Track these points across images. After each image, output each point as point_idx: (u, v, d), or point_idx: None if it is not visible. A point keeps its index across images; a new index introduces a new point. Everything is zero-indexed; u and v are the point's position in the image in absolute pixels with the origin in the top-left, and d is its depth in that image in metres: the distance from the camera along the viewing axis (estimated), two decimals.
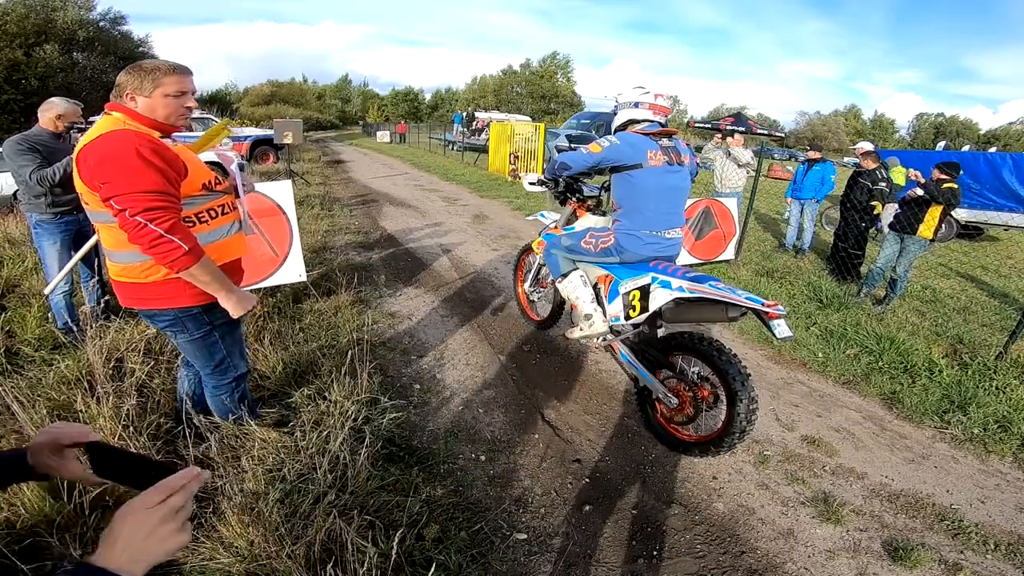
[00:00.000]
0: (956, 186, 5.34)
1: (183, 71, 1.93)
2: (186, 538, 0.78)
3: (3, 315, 3.64)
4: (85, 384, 2.64)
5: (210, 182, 2.04)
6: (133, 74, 1.85)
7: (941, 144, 18.33)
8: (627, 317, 2.94)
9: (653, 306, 2.74)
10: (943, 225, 5.61)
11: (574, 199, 3.75)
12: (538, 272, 4.34)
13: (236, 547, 1.86)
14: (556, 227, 3.84)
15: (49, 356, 3.13)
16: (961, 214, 10.33)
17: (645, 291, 2.80)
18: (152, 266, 1.92)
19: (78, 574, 0.71)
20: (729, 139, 8.25)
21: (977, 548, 2.43)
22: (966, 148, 16.16)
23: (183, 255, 1.78)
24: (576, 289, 3.28)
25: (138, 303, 2.03)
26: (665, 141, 2.98)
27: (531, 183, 3.78)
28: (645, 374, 2.97)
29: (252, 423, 2.41)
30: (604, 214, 3.62)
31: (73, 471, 1.01)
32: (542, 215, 4.31)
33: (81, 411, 2.42)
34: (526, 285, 4.48)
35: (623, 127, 3.11)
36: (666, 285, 2.69)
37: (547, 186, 3.66)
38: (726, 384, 2.60)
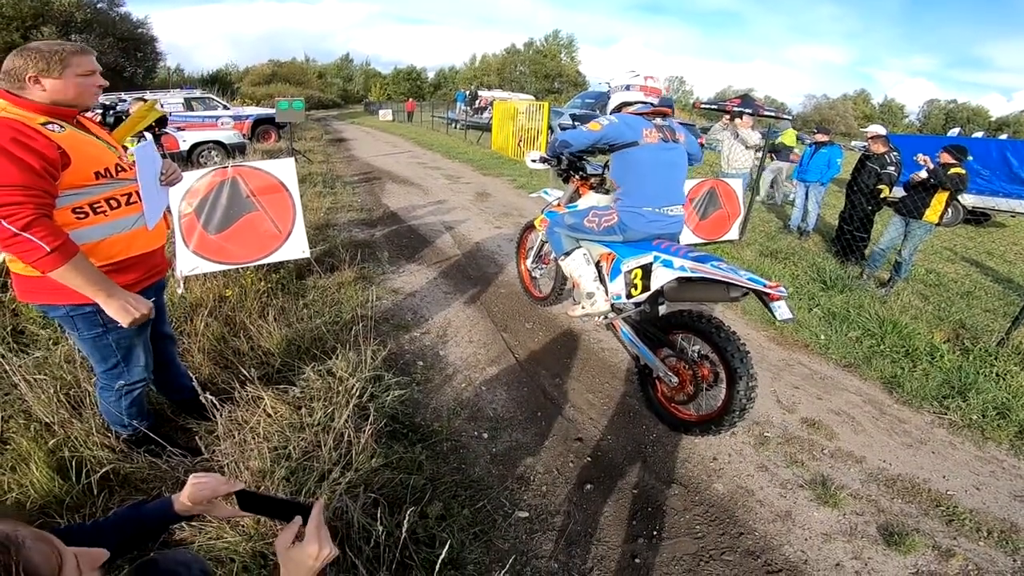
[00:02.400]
0: (963, 171, 5.29)
1: (88, 51, 1.86)
2: (335, 552, 1.03)
3: (8, 293, 3.65)
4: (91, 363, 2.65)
5: (108, 170, 1.88)
6: (34, 57, 1.73)
7: (955, 130, 18.08)
8: (628, 296, 2.96)
9: (655, 285, 2.76)
10: (949, 210, 5.58)
11: (577, 177, 3.76)
12: (540, 249, 4.38)
13: (243, 526, 1.89)
14: (559, 205, 3.87)
15: (55, 334, 3.14)
16: (968, 199, 10.25)
17: (647, 270, 2.81)
18: None
19: None
20: (737, 121, 8.17)
21: (970, 535, 2.46)
22: (978, 135, 15.94)
23: (45, 256, 1.62)
24: (579, 267, 3.31)
25: (31, 297, 1.90)
26: (659, 120, 3.05)
27: (533, 160, 3.76)
28: (646, 352, 3.00)
29: (266, 394, 2.44)
30: (607, 192, 3.60)
31: (221, 512, 1.20)
32: (545, 192, 4.32)
33: (89, 391, 2.44)
34: (528, 262, 4.52)
35: (617, 109, 3.17)
36: (668, 264, 2.72)
37: (549, 163, 3.65)
38: (725, 362, 2.62)
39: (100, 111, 3.48)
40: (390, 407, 2.83)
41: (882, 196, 6.34)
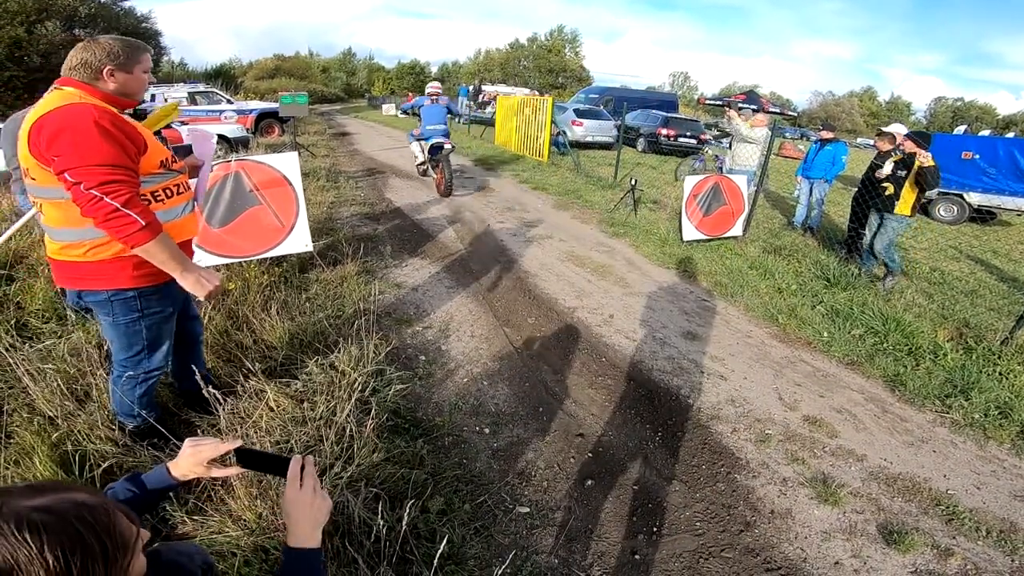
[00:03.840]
0: (933, 162, 5.25)
1: (149, 49, 1.99)
2: (330, 503, 1.12)
3: (13, 285, 3.67)
4: (95, 356, 2.66)
5: (167, 160, 2.01)
6: (109, 51, 1.84)
7: (961, 128, 17.97)
8: (424, 152, 8.81)
9: (428, 149, 8.54)
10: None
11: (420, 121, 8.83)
12: (422, 151, 9.01)
13: (244, 520, 1.90)
14: (417, 131, 8.89)
15: (58, 327, 3.15)
16: (974, 198, 10.20)
17: (429, 145, 8.44)
18: (98, 245, 1.87)
19: (293, 555, 1.04)
20: (731, 112, 8.19)
21: (970, 534, 2.46)
22: (984, 133, 15.83)
23: (139, 230, 1.73)
24: (416, 147, 9.07)
25: (73, 283, 1.96)
26: (434, 98, 8.57)
27: (398, 109, 9.13)
28: (431, 168, 8.78)
29: (268, 387, 2.44)
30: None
31: (221, 472, 1.21)
32: (411, 134, 9.24)
33: (94, 383, 2.45)
34: (421, 157, 9.13)
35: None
36: (431, 139, 8.38)
37: (407, 114, 10.37)
38: (436, 163, 8.41)
39: None
40: (392, 401, 2.84)
41: (887, 194, 6.30)
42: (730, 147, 9.97)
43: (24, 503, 0.69)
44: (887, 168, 5.60)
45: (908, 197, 5.44)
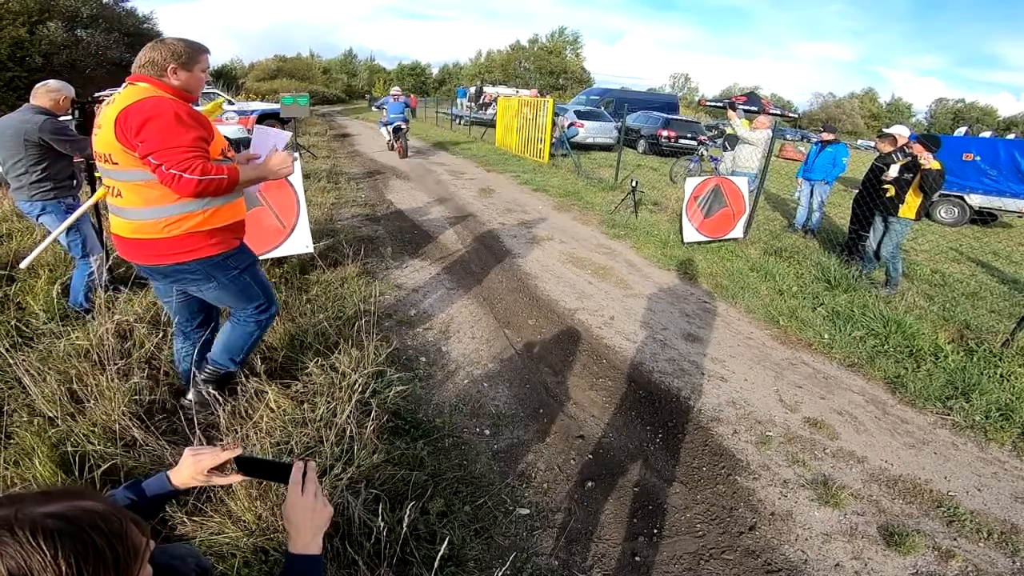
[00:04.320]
0: (939, 164, 5.22)
1: (208, 51, 2.20)
2: (331, 509, 1.11)
3: (13, 286, 3.67)
4: (95, 357, 2.66)
5: (224, 150, 2.24)
6: (174, 51, 2.08)
7: (961, 130, 17.95)
8: (389, 133, 13.62)
9: (392, 130, 13.24)
10: (924, 204, 5.54)
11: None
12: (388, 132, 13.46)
13: (244, 521, 1.90)
14: (384, 119, 13.73)
15: (59, 328, 3.15)
16: (975, 199, 10.19)
17: (394, 127, 13.09)
18: (172, 222, 2.10)
19: (295, 561, 1.05)
20: (729, 112, 8.21)
21: (971, 536, 2.46)
22: (985, 134, 15.83)
23: (228, 182, 2.04)
24: (383, 130, 14.27)
25: (160, 259, 2.16)
26: (397, 97, 13.25)
27: (371, 104, 12.04)
28: (391, 137, 13.47)
29: (269, 388, 2.45)
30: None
31: (221, 480, 1.20)
32: (380, 122, 14.65)
33: (93, 384, 2.45)
34: (388, 137, 13.65)
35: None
36: (393, 123, 13.13)
37: (379, 108, 16.26)
38: (396, 131, 13.13)
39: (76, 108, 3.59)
40: (392, 403, 2.84)
41: (888, 196, 6.30)
42: (725, 148, 10.01)
43: (38, 509, 0.69)
44: (893, 171, 5.58)
45: (913, 201, 5.39)
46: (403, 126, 12.81)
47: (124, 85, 2.11)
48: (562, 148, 13.66)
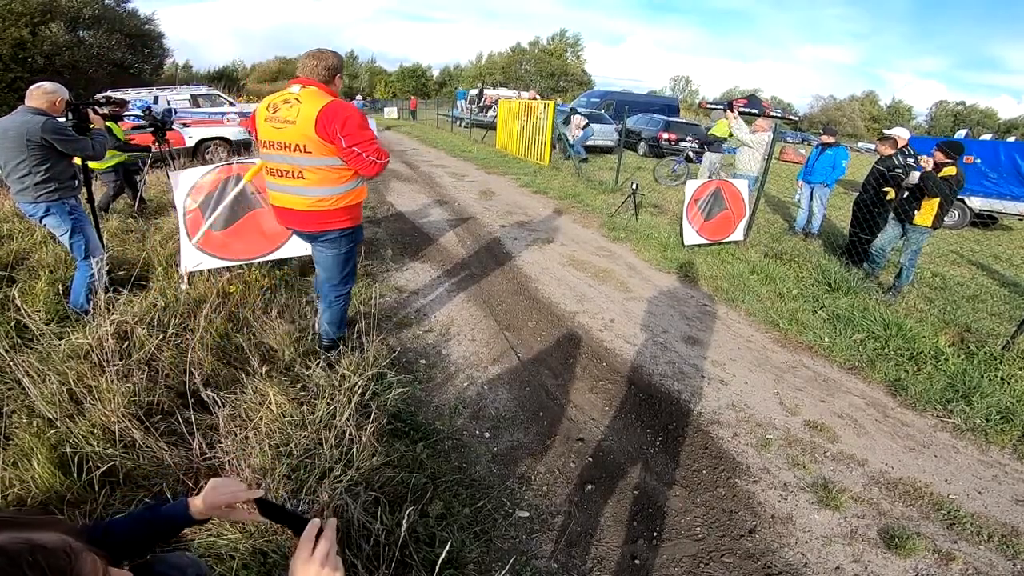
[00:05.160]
0: (955, 170, 5.18)
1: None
2: (342, 573, 1.01)
3: (14, 287, 3.67)
4: (95, 358, 2.66)
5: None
6: (338, 62, 2.76)
7: (962, 132, 17.97)
8: None
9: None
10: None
11: None
12: None
13: (242, 523, 1.89)
14: None
15: (58, 329, 3.15)
16: (975, 202, 10.19)
17: None
18: (338, 198, 2.80)
19: None
20: (728, 114, 8.22)
21: (971, 539, 2.46)
22: (985, 137, 15.84)
23: (384, 165, 2.77)
24: None
25: (316, 226, 2.86)
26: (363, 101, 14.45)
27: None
28: None
29: (270, 390, 2.45)
30: None
31: (240, 516, 1.21)
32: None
33: (93, 386, 2.45)
34: None
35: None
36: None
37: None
38: None
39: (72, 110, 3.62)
40: (392, 405, 2.83)
41: (888, 199, 6.30)
42: (705, 150, 10.08)
43: None
44: (914, 178, 5.50)
45: (928, 208, 5.29)
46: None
47: (296, 87, 2.68)
48: (577, 152, 13.19)
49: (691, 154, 12.33)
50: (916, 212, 5.36)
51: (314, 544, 1.01)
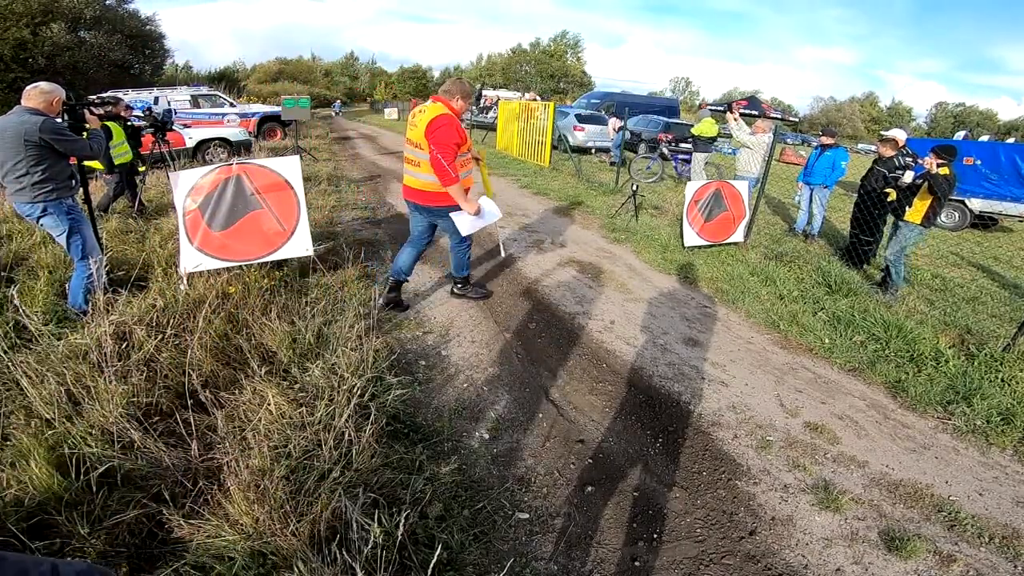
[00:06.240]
0: (948, 170, 5.21)
1: (476, 92, 3.21)
2: None
3: (13, 287, 3.67)
4: (94, 359, 2.65)
5: (469, 148, 3.92)
6: (463, 88, 3.80)
7: (961, 133, 17.98)
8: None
9: None
10: (939, 212, 5.49)
11: None
12: None
13: (241, 524, 1.89)
14: None
15: (57, 330, 3.15)
16: (976, 204, 10.18)
17: None
18: (436, 183, 3.71)
19: None
20: (728, 115, 8.22)
21: (972, 540, 2.45)
22: (984, 138, 15.84)
23: (451, 179, 3.64)
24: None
25: (430, 201, 3.87)
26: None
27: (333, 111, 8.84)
28: None
29: (269, 391, 2.45)
30: None
31: None
32: None
33: (91, 387, 2.45)
34: None
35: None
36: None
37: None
38: None
39: (67, 110, 3.65)
40: (391, 406, 2.83)
41: (888, 200, 6.30)
42: (693, 150, 10.14)
43: None
44: (908, 178, 5.54)
45: (919, 206, 5.35)
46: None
47: (430, 100, 3.76)
48: (615, 154, 12.86)
49: (665, 151, 12.36)
50: (907, 209, 5.41)
51: None
